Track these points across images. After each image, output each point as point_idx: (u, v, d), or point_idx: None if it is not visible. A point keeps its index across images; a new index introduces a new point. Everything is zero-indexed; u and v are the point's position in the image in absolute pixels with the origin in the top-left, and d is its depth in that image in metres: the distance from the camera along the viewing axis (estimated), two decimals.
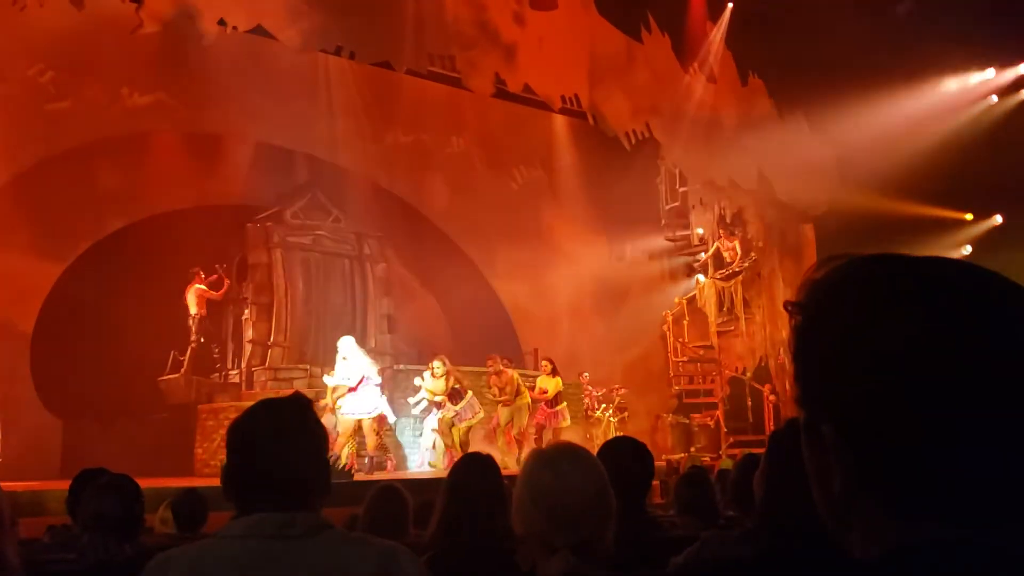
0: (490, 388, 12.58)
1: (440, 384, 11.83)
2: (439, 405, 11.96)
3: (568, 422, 12.84)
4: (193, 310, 13.00)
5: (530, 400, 12.60)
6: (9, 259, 11.90)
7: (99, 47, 12.59)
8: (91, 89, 12.94)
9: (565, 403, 12.91)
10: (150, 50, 12.65)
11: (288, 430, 1.69)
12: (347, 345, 11.32)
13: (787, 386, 15.22)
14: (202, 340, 13.05)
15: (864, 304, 0.71)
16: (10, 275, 11.84)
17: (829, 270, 0.75)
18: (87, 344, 11.96)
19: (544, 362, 13.15)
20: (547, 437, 12.31)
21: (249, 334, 13.20)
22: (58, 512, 5.98)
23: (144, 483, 3.52)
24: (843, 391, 0.70)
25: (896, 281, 0.71)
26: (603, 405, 14.78)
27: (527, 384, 12.93)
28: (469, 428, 12.12)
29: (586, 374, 15.03)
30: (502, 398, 12.49)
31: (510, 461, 11.58)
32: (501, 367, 12.58)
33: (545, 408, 12.72)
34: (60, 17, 11.45)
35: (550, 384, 12.73)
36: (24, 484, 8.69)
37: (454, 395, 11.90)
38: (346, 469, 10.13)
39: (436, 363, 11.89)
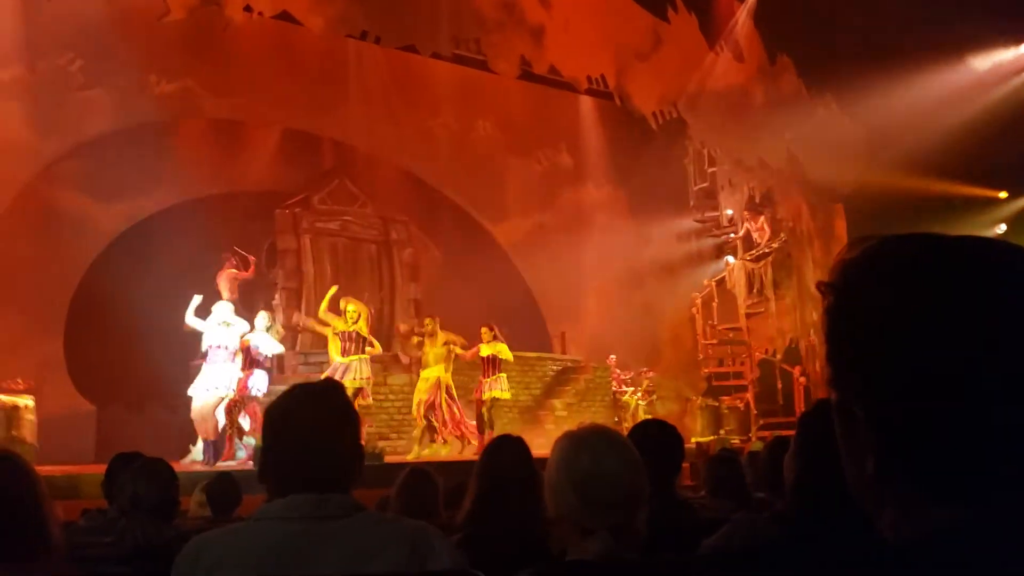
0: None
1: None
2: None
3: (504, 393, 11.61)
4: (225, 295, 13.11)
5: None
6: (40, 247, 12.06)
7: (126, 35, 12.68)
8: (119, 77, 13.04)
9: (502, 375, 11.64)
10: (177, 37, 12.72)
11: (322, 413, 1.71)
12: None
13: (817, 368, 15.12)
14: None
15: (897, 284, 0.70)
16: (42, 263, 12.00)
17: (862, 250, 0.74)
18: (119, 330, 12.11)
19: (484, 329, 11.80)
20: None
21: (280, 319, 13.29)
22: (93, 496, 6.08)
23: (177, 467, 3.57)
24: (876, 372, 0.70)
25: (930, 260, 0.70)
26: (631, 388, 14.76)
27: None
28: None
29: (613, 357, 15.01)
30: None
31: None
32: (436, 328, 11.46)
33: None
34: (88, 6, 11.56)
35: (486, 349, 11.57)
36: (60, 468, 8.85)
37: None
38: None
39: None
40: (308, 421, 1.70)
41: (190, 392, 9.98)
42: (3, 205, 12.21)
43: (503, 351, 11.55)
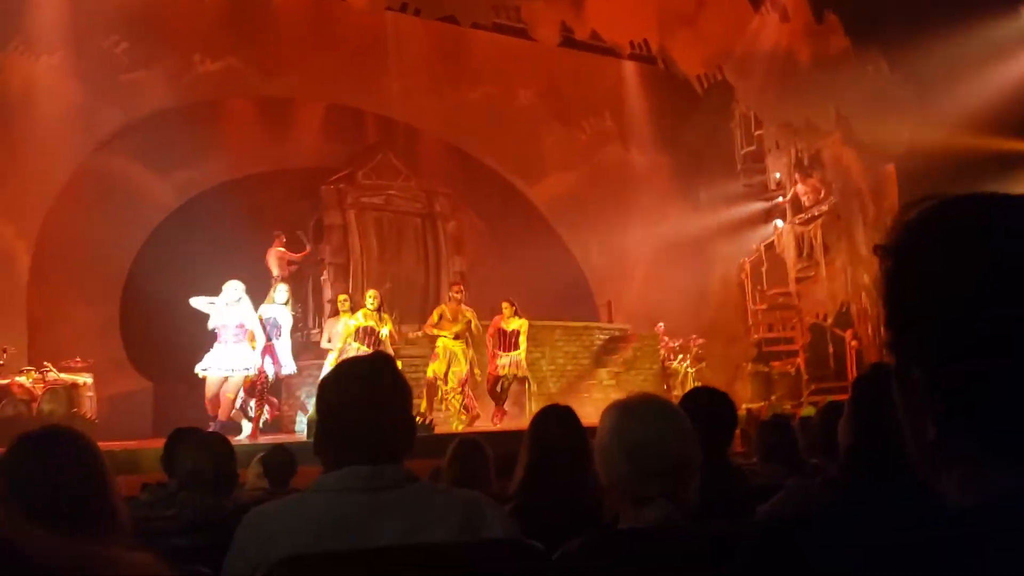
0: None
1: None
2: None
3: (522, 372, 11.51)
4: (275, 272, 13.28)
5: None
6: (94, 229, 12.30)
7: (170, 16, 12.82)
8: (164, 58, 13.20)
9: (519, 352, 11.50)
10: (219, 16, 12.83)
11: (376, 386, 1.73)
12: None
13: (869, 331, 14.90)
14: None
15: (956, 244, 0.69)
16: (97, 244, 12.25)
17: (918, 211, 0.73)
18: (173, 308, 12.33)
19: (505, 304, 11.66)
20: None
21: (328, 294, 13.44)
22: (151, 470, 6.23)
23: (233, 440, 3.64)
24: (936, 334, 0.68)
25: (988, 220, 0.69)
26: (680, 356, 14.70)
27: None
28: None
29: (661, 324, 14.94)
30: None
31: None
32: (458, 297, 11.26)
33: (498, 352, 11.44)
34: None
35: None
36: (119, 443, 9.08)
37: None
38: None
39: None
40: (361, 394, 1.72)
41: (197, 370, 9.69)
42: (58, 187, 12.47)
43: (524, 327, 11.47)
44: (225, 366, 9.60)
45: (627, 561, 1.65)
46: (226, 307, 9.72)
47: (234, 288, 9.80)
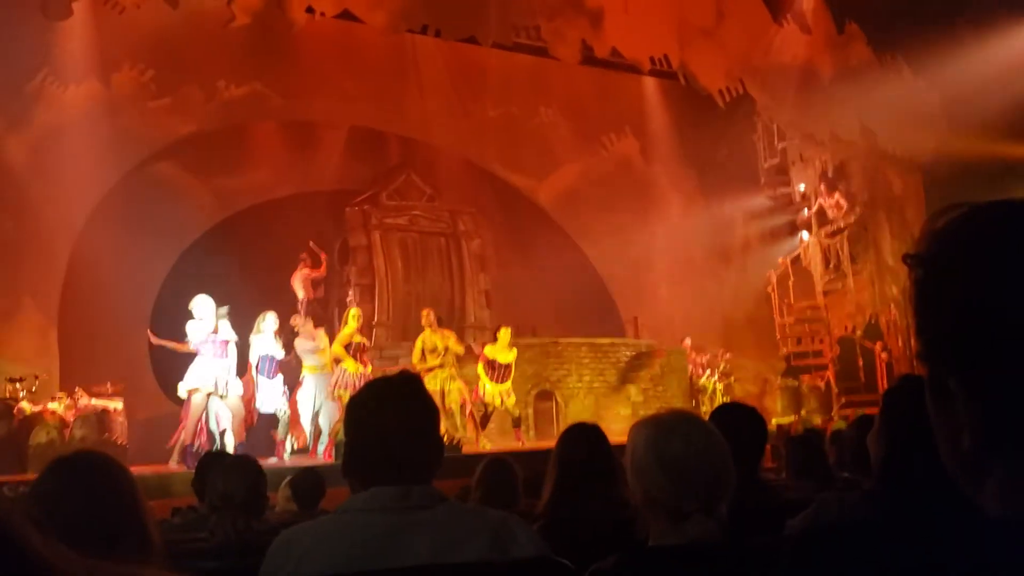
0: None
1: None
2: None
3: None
4: (300, 295, 13.37)
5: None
6: (124, 255, 12.43)
7: (195, 43, 12.99)
8: (190, 85, 13.37)
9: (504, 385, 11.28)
10: (243, 42, 12.98)
11: (403, 406, 1.73)
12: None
13: (899, 343, 14.74)
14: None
15: (987, 251, 0.68)
16: (126, 269, 12.37)
17: (949, 219, 0.72)
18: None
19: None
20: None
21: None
22: (182, 494, 6.27)
23: (262, 463, 3.66)
24: (970, 343, 0.67)
25: (1020, 225, 0.68)
26: (708, 371, 14.60)
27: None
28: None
29: (688, 340, 14.87)
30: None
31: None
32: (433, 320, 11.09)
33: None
34: (157, 17, 11.84)
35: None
36: (150, 467, 9.14)
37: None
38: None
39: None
40: (389, 414, 1.72)
41: (181, 390, 9.49)
42: (87, 213, 12.65)
43: (514, 356, 11.27)
44: (210, 382, 9.29)
45: None
46: (203, 323, 9.42)
47: (204, 303, 9.49)
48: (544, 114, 16.57)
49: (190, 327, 9.45)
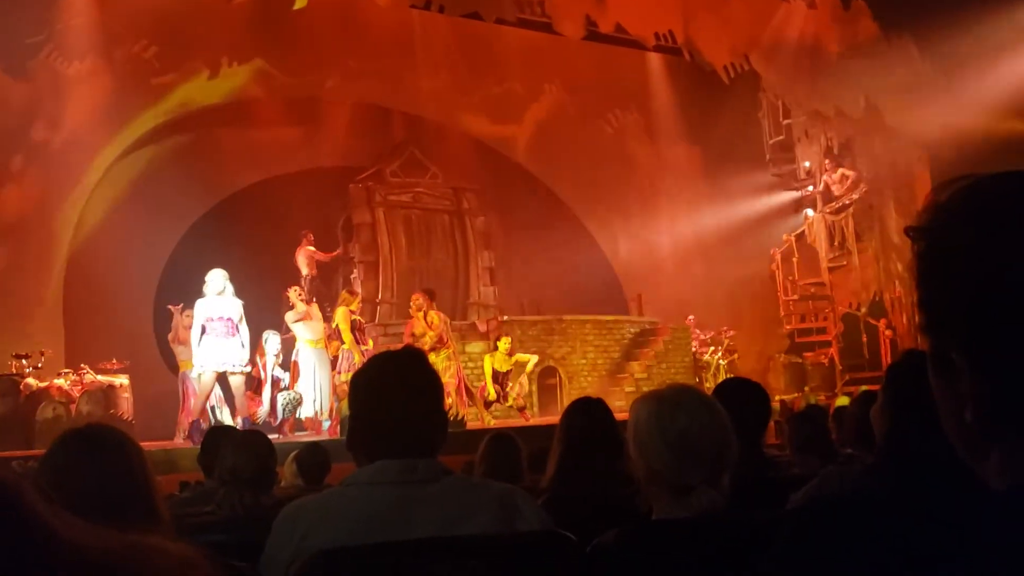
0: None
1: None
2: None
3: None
4: (304, 271, 13.37)
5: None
6: (127, 231, 12.44)
7: (198, 19, 12.92)
8: (193, 61, 13.32)
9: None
10: (246, 18, 12.91)
11: (407, 381, 1.74)
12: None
13: (904, 320, 14.73)
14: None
15: (993, 223, 0.68)
16: (130, 246, 12.39)
17: (953, 191, 0.72)
18: None
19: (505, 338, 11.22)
20: None
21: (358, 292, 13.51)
22: (188, 470, 6.30)
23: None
24: (974, 315, 0.67)
25: None
26: (711, 348, 14.61)
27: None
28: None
29: (692, 317, 14.87)
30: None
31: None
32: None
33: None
34: None
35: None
36: (156, 443, 9.19)
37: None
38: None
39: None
40: (394, 389, 1.73)
41: (194, 370, 9.35)
42: (90, 190, 12.64)
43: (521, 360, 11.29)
44: (218, 360, 9.04)
45: (669, 549, 1.65)
46: (215, 299, 9.08)
47: (220, 277, 9.15)
48: (548, 91, 16.47)
49: (198, 304, 9.20)
